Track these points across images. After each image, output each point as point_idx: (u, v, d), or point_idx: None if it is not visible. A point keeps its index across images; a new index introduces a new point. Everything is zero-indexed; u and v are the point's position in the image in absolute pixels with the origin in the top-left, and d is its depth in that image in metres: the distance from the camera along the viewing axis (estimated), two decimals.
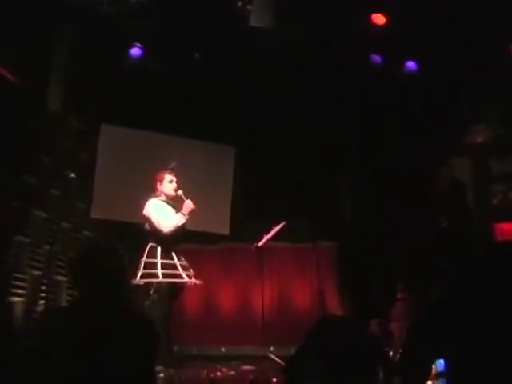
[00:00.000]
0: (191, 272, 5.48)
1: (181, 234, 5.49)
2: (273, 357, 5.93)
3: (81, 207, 6.75)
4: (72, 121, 6.57)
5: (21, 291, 5.43)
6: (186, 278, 5.35)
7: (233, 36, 6.24)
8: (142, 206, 5.56)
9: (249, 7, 5.61)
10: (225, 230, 7.41)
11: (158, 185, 5.60)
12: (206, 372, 5.32)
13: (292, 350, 3.35)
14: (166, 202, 5.57)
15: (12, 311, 5.20)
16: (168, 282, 5.26)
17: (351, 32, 6.28)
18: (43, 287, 5.57)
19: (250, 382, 4.93)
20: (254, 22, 5.49)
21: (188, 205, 5.47)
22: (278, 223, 6.37)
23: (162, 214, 5.42)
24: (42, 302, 5.53)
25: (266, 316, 6.44)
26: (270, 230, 6.37)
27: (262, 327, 6.30)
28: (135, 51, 6.70)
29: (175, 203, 5.59)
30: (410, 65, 6.81)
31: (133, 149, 7.12)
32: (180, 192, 5.58)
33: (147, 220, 5.47)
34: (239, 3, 5.69)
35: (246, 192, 7.33)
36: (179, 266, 5.34)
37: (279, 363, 5.54)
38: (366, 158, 7.42)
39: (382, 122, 7.31)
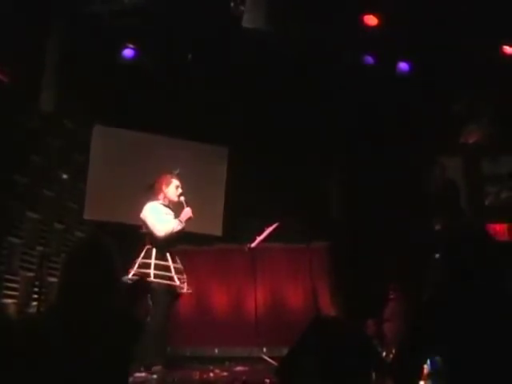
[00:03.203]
0: (184, 276, 5.39)
1: (176, 238, 5.41)
2: (266, 358, 5.93)
3: (74, 208, 6.74)
4: (65, 121, 6.56)
5: (13, 293, 5.41)
6: (177, 282, 5.23)
7: (226, 36, 6.24)
8: (141, 208, 5.49)
9: (241, 8, 5.61)
10: (218, 231, 7.41)
11: (164, 187, 5.50)
12: (198, 373, 5.32)
13: (285, 351, 3.36)
14: (166, 205, 5.49)
15: (4, 313, 5.19)
16: (165, 284, 5.17)
17: (344, 33, 6.29)
18: (36, 289, 5.55)
19: (242, 382, 4.93)
20: (246, 23, 5.48)
21: (187, 212, 5.40)
22: (271, 224, 6.37)
23: (159, 217, 5.34)
24: (35, 303, 5.50)
25: (259, 317, 6.45)
26: (263, 230, 6.38)
27: (255, 328, 6.30)
28: (128, 52, 6.69)
29: (176, 208, 5.51)
30: (403, 66, 6.83)
31: (125, 150, 7.11)
32: (182, 198, 5.50)
33: (144, 222, 5.40)
34: (232, 4, 5.68)
35: (239, 193, 7.32)
36: (173, 269, 5.26)
37: (272, 364, 5.54)
38: (359, 158, 7.43)
39: (374, 122, 7.33)
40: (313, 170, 7.58)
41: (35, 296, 5.55)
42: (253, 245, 6.36)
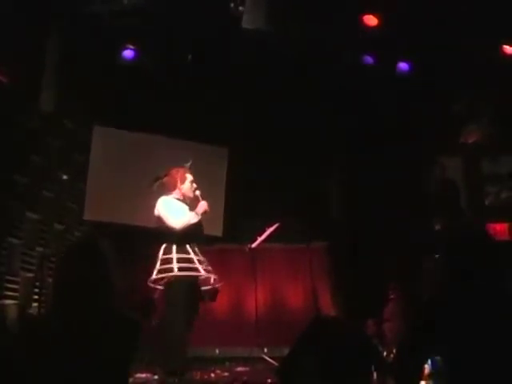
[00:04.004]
0: (206, 266, 5.14)
1: (193, 232, 5.15)
2: (267, 358, 5.93)
3: (73, 209, 6.74)
4: (65, 122, 6.56)
5: (13, 293, 5.41)
6: (203, 272, 4.98)
7: (226, 36, 6.23)
8: (152, 207, 5.26)
9: (241, 8, 5.61)
10: (218, 232, 7.40)
11: (179, 184, 5.30)
12: (199, 373, 5.31)
13: (286, 351, 3.35)
14: (181, 200, 5.30)
15: (5, 314, 5.19)
16: (188, 280, 4.95)
17: (344, 33, 6.29)
18: (36, 289, 5.55)
19: (243, 383, 4.93)
20: (246, 23, 5.48)
21: (202, 205, 5.22)
22: (272, 224, 6.36)
23: (173, 211, 5.12)
24: (35, 304, 5.51)
25: (259, 317, 6.45)
26: (264, 231, 6.37)
27: (256, 328, 6.30)
28: (128, 53, 6.69)
29: (192, 203, 5.33)
30: (403, 66, 6.83)
31: (125, 150, 7.11)
32: (198, 192, 5.32)
33: (159, 219, 5.15)
34: (231, 4, 5.68)
35: (239, 193, 7.32)
36: (196, 260, 5.00)
37: (273, 364, 5.54)
38: (359, 158, 7.43)
39: (374, 122, 7.33)
40: (313, 170, 7.59)
41: (35, 297, 5.56)
42: (253, 245, 6.36)
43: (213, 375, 5.28)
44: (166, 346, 4.88)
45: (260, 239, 6.34)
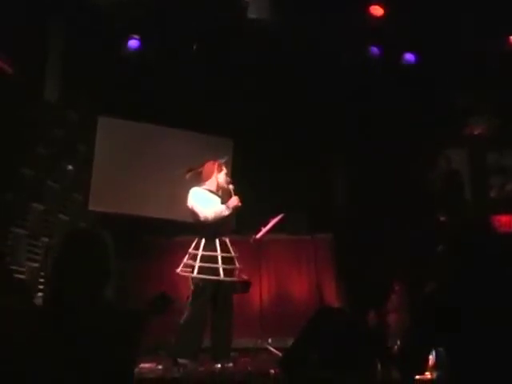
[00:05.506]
0: (235, 266, 5.30)
1: (222, 224, 5.24)
2: (271, 348, 5.94)
3: (79, 199, 6.74)
4: (69, 112, 6.55)
5: None
6: (221, 275, 5.06)
7: (232, 27, 6.22)
8: (183, 197, 5.33)
9: None
10: None
11: (216, 173, 5.39)
12: (204, 364, 5.32)
13: (290, 342, 3.37)
14: (213, 191, 5.37)
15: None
16: (208, 278, 5.05)
17: (349, 24, 6.27)
18: (41, 279, 5.57)
19: (247, 373, 4.94)
20: (252, 13, 5.47)
21: (235, 199, 5.29)
22: (276, 215, 6.35)
23: (204, 201, 5.20)
24: (40, 294, 5.53)
25: (263, 308, 6.45)
26: (268, 222, 6.36)
27: (260, 319, 6.30)
28: (133, 43, 6.69)
29: (223, 195, 5.40)
30: (409, 56, 6.80)
31: (131, 141, 7.11)
32: (231, 187, 5.41)
33: (192, 211, 5.21)
34: None
35: (244, 184, 7.31)
36: (220, 259, 5.11)
37: (277, 355, 5.55)
38: (363, 150, 7.42)
39: (380, 114, 7.31)
40: (318, 162, 7.58)
41: (41, 287, 5.58)
42: (258, 236, 6.35)
43: (217, 365, 5.28)
44: (180, 336, 5.04)
45: (264, 230, 6.32)
